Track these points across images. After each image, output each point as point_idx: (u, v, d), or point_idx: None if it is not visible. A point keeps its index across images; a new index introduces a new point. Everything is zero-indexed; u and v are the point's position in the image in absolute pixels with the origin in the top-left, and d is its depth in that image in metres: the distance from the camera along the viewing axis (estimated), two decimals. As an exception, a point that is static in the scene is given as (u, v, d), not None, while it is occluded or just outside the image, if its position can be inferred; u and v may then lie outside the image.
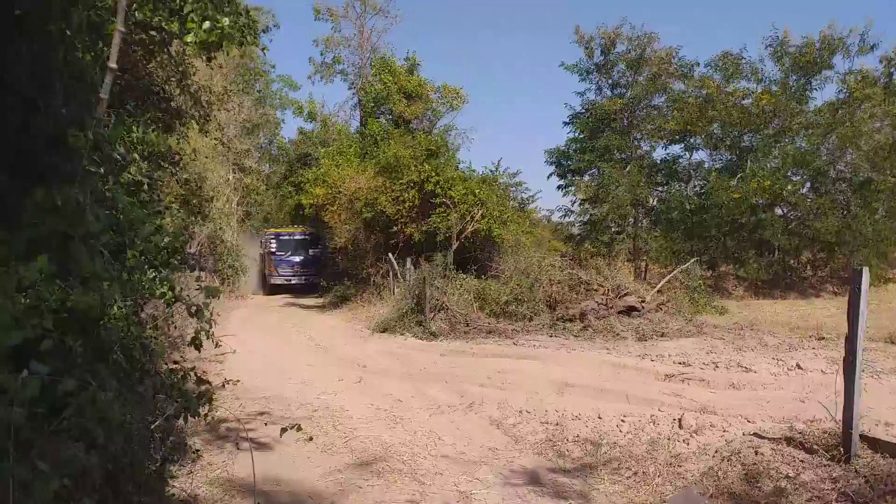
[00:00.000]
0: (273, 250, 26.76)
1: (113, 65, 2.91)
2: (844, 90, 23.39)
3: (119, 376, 2.97)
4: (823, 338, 11.18)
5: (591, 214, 27.47)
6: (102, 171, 2.69)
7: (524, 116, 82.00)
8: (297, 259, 26.82)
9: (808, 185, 24.01)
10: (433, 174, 18.62)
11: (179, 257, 3.22)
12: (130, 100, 5.58)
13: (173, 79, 7.05)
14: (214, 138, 18.08)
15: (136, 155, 3.71)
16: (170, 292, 3.22)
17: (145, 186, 3.63)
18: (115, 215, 2.66)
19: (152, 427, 3.77)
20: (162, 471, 3.76)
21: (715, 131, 25.09)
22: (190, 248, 17.37)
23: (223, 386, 4.01)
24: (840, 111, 22.87)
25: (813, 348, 10.31)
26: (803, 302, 19.92)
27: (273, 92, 38.23)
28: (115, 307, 2.78)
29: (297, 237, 27.36)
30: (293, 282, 26.53)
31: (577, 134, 28.75)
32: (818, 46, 23.29)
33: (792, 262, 24.39)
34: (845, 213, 22.43)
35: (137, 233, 2.77)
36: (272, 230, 28.77)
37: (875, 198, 22.08)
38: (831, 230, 21.44)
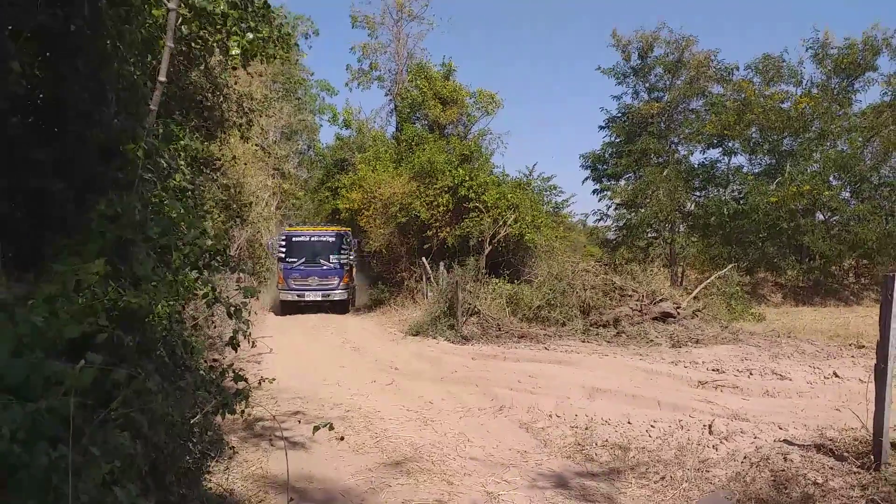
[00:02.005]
0: (283, 256, 20.45)
1: (163, 78, 3.10)
2: (889, 92, 22.85)
3: (162, 372, 3.15)
4: (863, 346, 10.97)
5: (627, 219, 27.27)
6: (151, 178, 2.88)
7: (559, 120, 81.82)
8: (316, 268, 20.36)
9: (849, 190, 23.48)
10: (467, 179, 18.78)
11: (221, 259, 3.40)
12: (174, 110, 5.82)
13: (217, 89, 7.31)
14: (255, 144, 18.46)
15: (181, 162, 3.91)
16: (211, 293, 3.40)
17: (189, 192, 3.82)
18: (164, 220, 2.83)
19: (192, 422, 3.96)
20: (201, 464, 3.93)
21: (753, 135, 24.71)
22: (230, 251, 17.67)
23: (259, 384, 4.17)
24: (884, 114, 22.33)
25: (852, 356, 10.14)
26: (844, 309, 19.49)
27: (312, 95, 38.86)
28: (160, 306, 2.96)
29: (316, 238, 20.88)
30: (308, 298, 20.11)
31: (613, 138, 28.61)
32: (861, 48, 22.79)
33: (833, 268, 23.86)
34: (889, 218, 21.88)
35: (183, 236, 2.95)
36: (286, 229, 22.29)
37: (919, 203, 21.56)
38: (873, 236, 20.93)
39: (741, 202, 24.02)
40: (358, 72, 32.42)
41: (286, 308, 20.21)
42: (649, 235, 27.43)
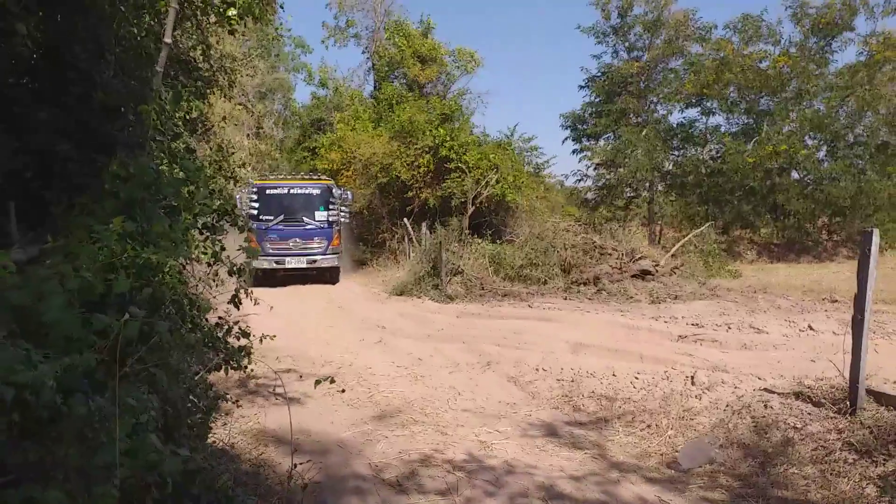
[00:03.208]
0: (255, 213, 16.25)
1: (168, 40, 3.09)
2: (865, 52, 23.06)
3: (171, 328, 3.22)
4: (836, 300, 11.30)
5: (606, 179, 27.46)
6: (160, 139, 2.90)
7: (539, 80, 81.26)
8: (297, 228, 16.70)
9: (825, 149, 23.85)
10: (448, 139, 18.74)
11: (229, 219, 3.45)
12: (169, 71, 5.76)
13: (198, 48, 7.21)
14: (238, 104, 18.04)
15: (179, 123, 3.91)
16: (214, 252, 3.46)
17: (193, 153, 3.83)
18: (174, 181, 2.87)
19: (196, 378, 4.04)
20: (207, 419, 4.03)
21: (731, 95, 24.89)
22: (236, 211, 17.05)
23: (261, 341, 4.26)
24: (860, 74, 22.57)
25: (825, 311, 10.47)
26: (818, 266, 20.00)
27: (286, 53, 38.02)
28: (169, 264, 3.01)
29: (296, 192, 17.20)
30: (290, 265, 16.51)
31: (592, 98, 28.63)
32: (839, 8, 22.90)
33: (807, 226, 24.36)
34: (861, 177, 22.31)
35: (192, 197, 2.99)
36: (256, 181, 17.71)
37: (891, 162, 21.94)
38: (846, 194, 21.36)
39: (718, 161, 24.31)
40: (334, 29, 31.86)
41: (261, 277, 15.67)
42: (628, 195, 27.74)
